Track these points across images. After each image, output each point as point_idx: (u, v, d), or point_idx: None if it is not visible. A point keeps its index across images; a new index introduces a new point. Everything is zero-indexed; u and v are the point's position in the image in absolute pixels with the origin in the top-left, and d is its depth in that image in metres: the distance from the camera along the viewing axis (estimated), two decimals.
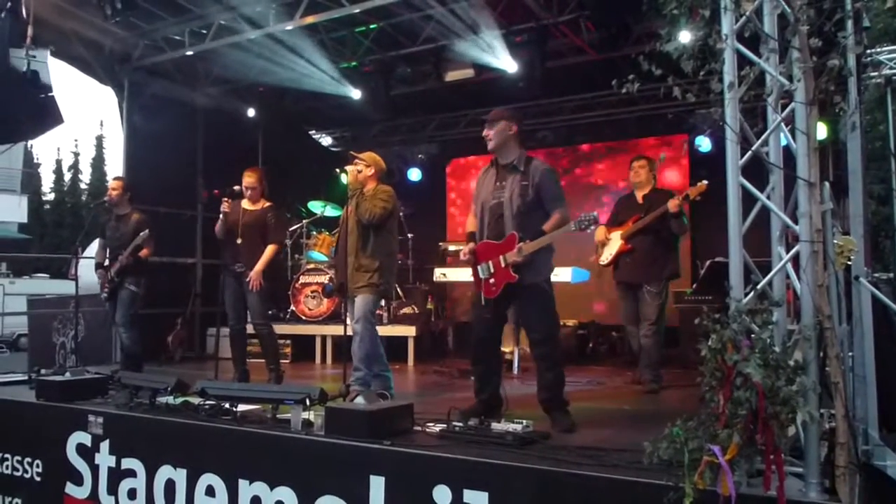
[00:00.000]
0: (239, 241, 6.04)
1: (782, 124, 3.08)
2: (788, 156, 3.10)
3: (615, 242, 6.43)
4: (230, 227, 6.08)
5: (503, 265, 4.49)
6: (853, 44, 2.89)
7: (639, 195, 6.47)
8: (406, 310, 8.28)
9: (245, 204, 6.23)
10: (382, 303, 6.76)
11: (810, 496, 2.88)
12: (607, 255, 6.48)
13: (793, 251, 3.00)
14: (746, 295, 2.98)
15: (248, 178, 6.23)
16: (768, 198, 3.10)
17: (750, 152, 3.00)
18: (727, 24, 2.96)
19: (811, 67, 2.79)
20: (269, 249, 6.07)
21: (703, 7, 2.87)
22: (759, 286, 2.97)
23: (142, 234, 6.35)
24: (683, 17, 2.95)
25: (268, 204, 6.25)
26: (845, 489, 2.84)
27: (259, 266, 6.01)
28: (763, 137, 3.03)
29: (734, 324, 2.81)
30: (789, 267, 3.07)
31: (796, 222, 2.99)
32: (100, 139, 41.15)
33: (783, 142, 3.13)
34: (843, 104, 3.05)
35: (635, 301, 6.33)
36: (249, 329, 6.31)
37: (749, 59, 3.03)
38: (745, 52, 3.01)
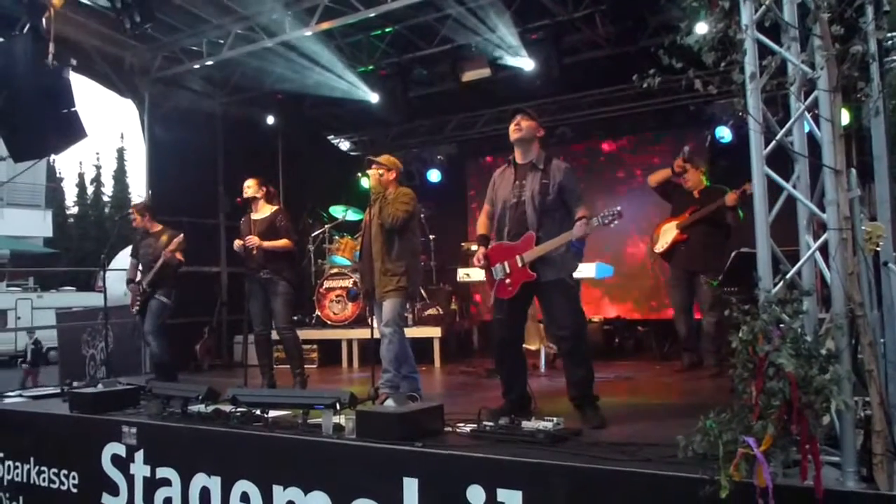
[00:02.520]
0: (255, 252, 6.06)
1: (805, 112, 3.06)
2: (812, 143, 3.08)
3: (671, 232, 6.76)
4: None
5: (520, 265, 4.48)
6: (874, 29, 2.86)
7: (695, 191, 6.81)
8: (431, 311, 8.28)
9: (253, 215, 6.26)
10: (408, 304, 6.79)
11: (848, 485, 2.86)
12: (662, 243, 6.83)
13: (821, 239, 2.98)
14: (775, 285, 2.96)
15: (247, 189, 6.25)
16: (794, 187, 3.08)
17: (774, 142, 2.99)
18: (747, 15, 2.95)
19: (834, 55, 2.76)
20: (283, 241, 6.09)
21: None
22: (787, 276, 2.95)
23: (176, 240, 6.46)
24: (703, 9, 2.94)
25: (275, 208, 6.27)
26: (883, 477, 2.81)
27: (265, 242, 6.03)
28: (787, 126, 3.01)
29: (764, 314, 2.79)
30: (818, 255, 3.05)
31: (823, 210, 2.97)
32: (121, 151, 41.69)
33: (806, 128, 3.10)
34: (866, 89, 3.01)
35: (689, 288, 6.66)
36: (275, 335, 6.34)
37: (770, 48, 3.01)
38: (766, 42, 2.99)
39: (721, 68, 2.95)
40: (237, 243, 6.16)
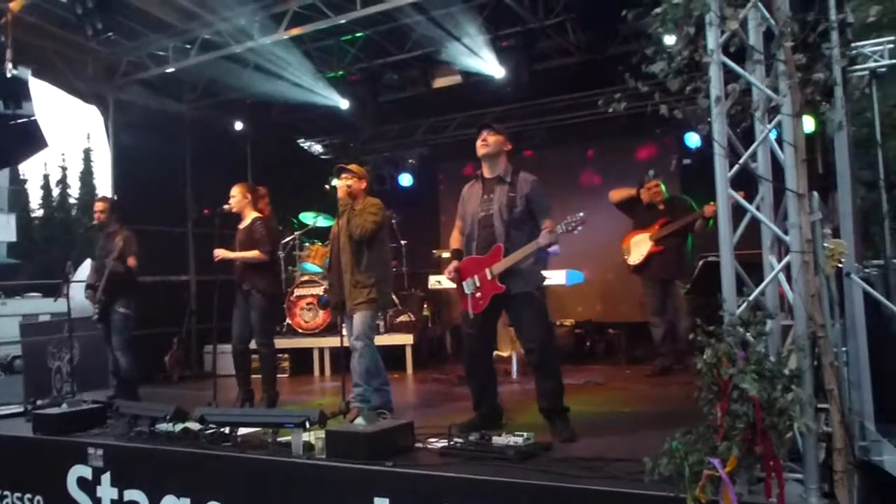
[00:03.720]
0: (237, 264, 5.98)
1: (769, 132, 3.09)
2: (776, 165, 3.11)
3: (644, 244, 6.96)
4: (231, 249, 6.04)
5: (489, 277, 4.52)
6: (839, 56, 2.90)
7: (659, 204, 7.06)
8: (402, 318, 8.26)
9: (241, 224, 6.15)
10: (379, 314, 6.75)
11: (810, 501, 2.92)
12: (637, 255, 7.02)
13: (784, 261, 3.02)
14: (740, 305, 3.00)
15: (231, 196, 6.13)
16: (758, 208, 3.12)
17: (738, 165, 3.02)
18: (713, 39, 2.97)
19: (797, 82, 2.80)
20: (252, 253, 5.93)
21: (688, 24, 2.87)
22: (751, 297, 2.99)
23: (118, 243, 6.31)
24: (670, 33, 2.95)
25: (254, 215, 6.13)
26: (844, 493, 2.87)
27: (231, 254, 5.94)
28: (750, 150, 3.05)
29: (729, 337, 2.83)
30: (781, 276, 3.10)
31: (786, 231, 3.01)
32: (87, 152, 40.96)
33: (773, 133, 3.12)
34: (828, 113, 3.06)
35: (664, 295, 6.91)
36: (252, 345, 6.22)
37: (735, 72, 3.04)
38: (731, 66, 3.02)
39: (686, 92, 2.97)
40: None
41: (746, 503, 2.80)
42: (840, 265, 3.54)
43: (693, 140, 8.74)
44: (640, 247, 6.98)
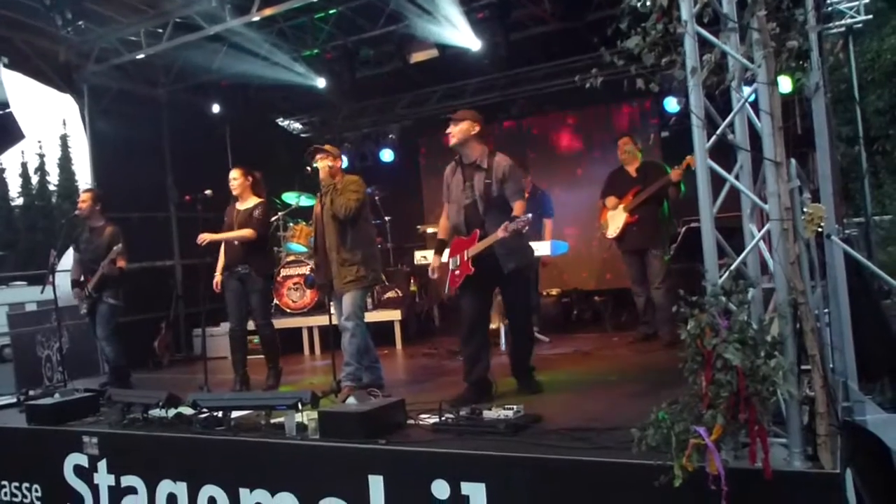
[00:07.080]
0: (236, 242, 5.96)
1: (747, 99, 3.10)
2: (754, 133, 3.13)
3: (619, 217, 6.87)
4: (227, 230, 6.02)
5: (466, 259, 4.78)
6: (813, 23, 2.91)
7: (630, 169, 6.94)
8: (390, 294, 8.28)
9: (238, 205, 6.13)
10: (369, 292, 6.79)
11: (795, 465, 2.98)
12: (614, 228, 6.94)
13: (764, 229, 3.06)
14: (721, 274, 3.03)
15: (232, 182, 6.10)
16: (737, 177, 3.15)
17: (715, 136, 3.04)
18: (686, 10, 2.97)
19: (771, 51, 2.81)
20: (242, 232, 5.94)
21: None
22: (732, 267, 3.03)
23: (115, 248, 6.30)
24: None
25: (257, 200, 6.13)
26: (827, 456, 2.93)
27: (216, 236, 5.95)
28: (727, 120, 3.06)
29: (711, 308, 2.86)
30: (761, 243, 3.13)
31: (765, 199, 3.04)
32: (64, 138, 40.39)
33: (751, 98, 3.13)
34: (804, 78, 3.08)
35: (642, 265, 6.85)
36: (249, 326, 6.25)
37: (710, 42, 3.04)
38: (705, 36, 3.02)
39: (662, 65, 2.98)
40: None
41: (732, 469, 2.86)
42: (820, 229, 3.59)
43: (672, 105, 8.72)
44: (615, 220, 6.94)
